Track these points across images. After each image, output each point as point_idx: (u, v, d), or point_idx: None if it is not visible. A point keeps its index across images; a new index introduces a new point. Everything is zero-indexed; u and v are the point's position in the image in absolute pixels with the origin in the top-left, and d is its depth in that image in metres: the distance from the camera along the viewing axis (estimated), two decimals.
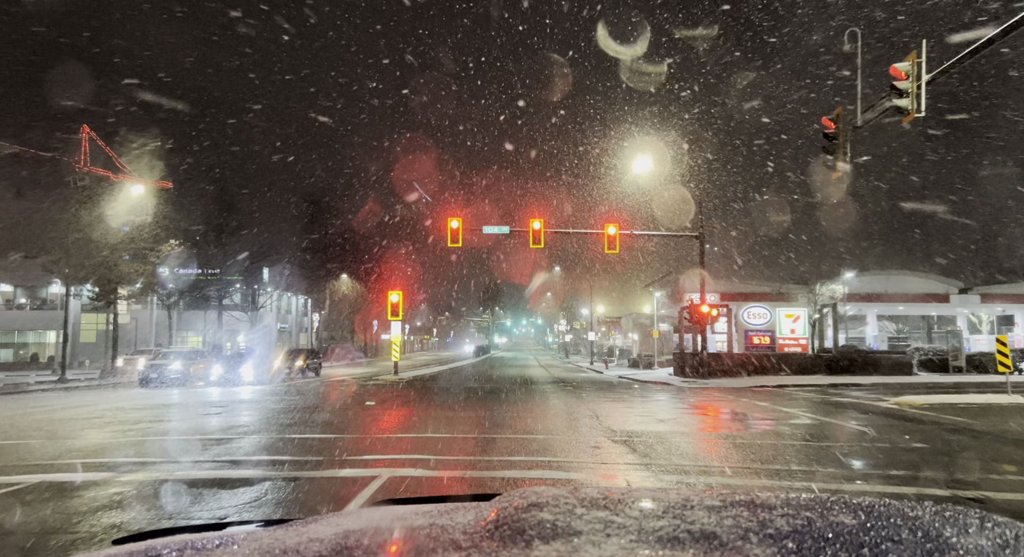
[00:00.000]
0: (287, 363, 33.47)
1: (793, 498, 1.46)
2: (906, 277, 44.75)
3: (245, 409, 17.55)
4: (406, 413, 16.33)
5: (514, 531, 1.17)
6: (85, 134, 65.85)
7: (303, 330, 78.51)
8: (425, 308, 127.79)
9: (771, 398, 20.18)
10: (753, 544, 1.06)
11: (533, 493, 1.51)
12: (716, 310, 29.44)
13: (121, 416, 15.75)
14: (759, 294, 39.17)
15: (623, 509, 1.32)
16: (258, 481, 7.86)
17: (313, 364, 36.12)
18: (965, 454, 9.78)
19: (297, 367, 33.50)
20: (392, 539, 1.25)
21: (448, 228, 29.87)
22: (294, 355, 34.76)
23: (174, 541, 1.34)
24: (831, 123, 15.58)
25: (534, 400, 19.58)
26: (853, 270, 37.75)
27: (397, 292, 31.25)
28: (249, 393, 23.44)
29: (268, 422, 14.14)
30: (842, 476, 8.09)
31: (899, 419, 14.23)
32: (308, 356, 35.97)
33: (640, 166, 29.80)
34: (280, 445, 10.87)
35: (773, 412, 15.89)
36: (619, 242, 29.97)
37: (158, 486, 7.66)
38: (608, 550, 1.03)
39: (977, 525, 1.25)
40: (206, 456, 9.76)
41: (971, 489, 7.30)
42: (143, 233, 34.81)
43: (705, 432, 12.68)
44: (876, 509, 1.36)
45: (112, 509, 6.53)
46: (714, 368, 30.49)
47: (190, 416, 16.05)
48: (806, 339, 34.14)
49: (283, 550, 1.12)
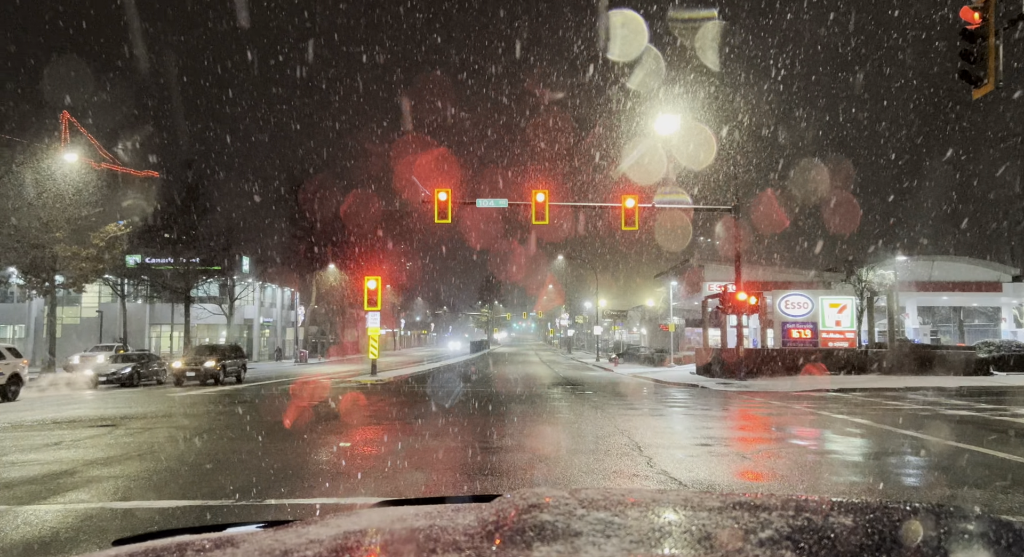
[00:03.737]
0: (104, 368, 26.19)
1: (793, 499, 1.45)
2: (953, 263, 39.91)
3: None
4: (348, 437, 11.48)
5: (514, 532, 1.19)
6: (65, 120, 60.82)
7: (289, 324, 73.68)
8: (422, 302, 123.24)
9: (850, 409, 15.36)
10: (753, 545, 1.05)
11: (533, 494, 1.51)
12: (756, 297, 24.58)
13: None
14: (794, 282, 34.37)
15: (623, 510, 1.32)
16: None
17: (232, 366, 27.54)
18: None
19: (208, 369, 25.55)
20: (392, 540, 1.24)
21: (435, 201, 25.03)
22: (207, 354, 26.75)
23: (174, 541, 1.31)
24: (974, 13, 10.65)
25: (540, 415, 14.76)
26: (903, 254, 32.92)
27: (375, 278, 26.33)
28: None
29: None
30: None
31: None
32: (224, 355, 27.40)
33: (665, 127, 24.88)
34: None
35: (889, 436, 11.05)
36: (638, 217, 25.14)
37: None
38: (608, 551, 1.01)
39: (978, 524, 1.25)
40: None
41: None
42: (81, 210, 29.95)
43: (843, 485, 7.82)
44: (877, 510, 1.34)
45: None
46: (749, 367, 25.65)
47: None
48: (853, 332, 29.35)
49: (283, 551, 1.11)
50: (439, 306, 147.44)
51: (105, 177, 34.72)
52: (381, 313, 27.94)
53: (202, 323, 54.30)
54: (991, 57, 10.57)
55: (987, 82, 10.60)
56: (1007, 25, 10.60)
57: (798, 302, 29.60)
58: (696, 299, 42.07)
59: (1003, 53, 10.61)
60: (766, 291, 30.55)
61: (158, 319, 58.15)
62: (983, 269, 40.28)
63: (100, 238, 31.52)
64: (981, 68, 10.76)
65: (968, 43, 10.78)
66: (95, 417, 14.41)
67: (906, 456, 9.34)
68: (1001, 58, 10.61)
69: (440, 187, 24.86)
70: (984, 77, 10.65)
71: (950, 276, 39.30)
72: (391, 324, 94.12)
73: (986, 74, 10.65)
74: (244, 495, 6.81)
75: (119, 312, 49.21)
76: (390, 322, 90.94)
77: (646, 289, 66.85)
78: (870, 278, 30.12)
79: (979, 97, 10.84)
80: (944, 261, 40.41)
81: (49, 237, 29.07)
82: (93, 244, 31.26)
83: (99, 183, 31.81)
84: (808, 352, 27.56)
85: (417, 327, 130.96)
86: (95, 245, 31.31)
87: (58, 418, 14.29)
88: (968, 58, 10.83)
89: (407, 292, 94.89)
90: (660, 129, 24.94)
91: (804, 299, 29.75)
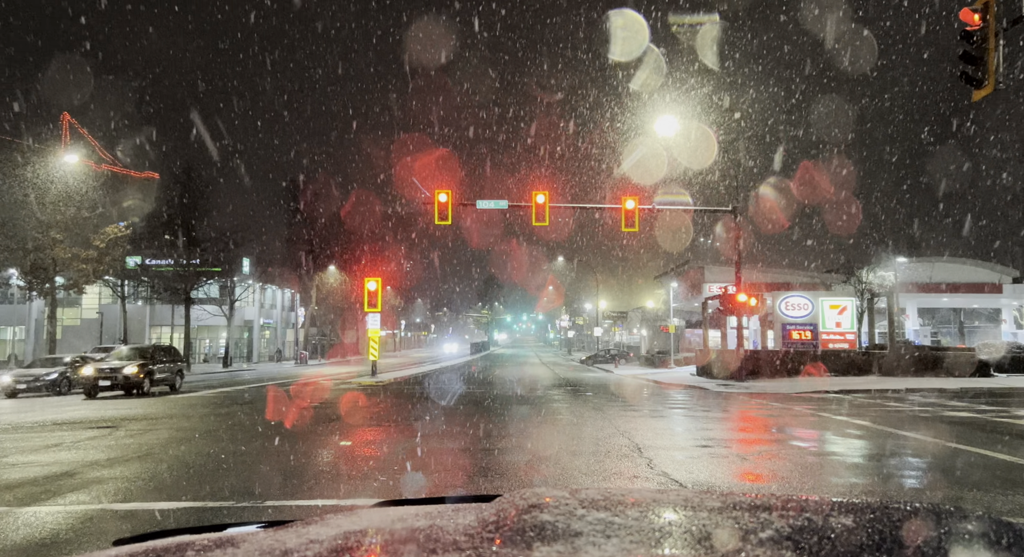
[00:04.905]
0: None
1: (794, 499, 1.45)
2: (954, 264, 39.88)
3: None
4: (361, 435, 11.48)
5: (514, 532, 1.19)
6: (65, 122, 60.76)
7: (289, 326, 73.65)
8: (422, 304, 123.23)
9: (850, 410, 15.35)
10: (754, 545, 1.05)
11: (533, 494, 1.51)
12: (756, 299, 24.56)
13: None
14: (795, 284, 34.36)
15: (624, 510, 1.31)
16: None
17: (163, 372, 22.63)
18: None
19: (127, 377, 20.75)
20: (392, 540, 1.22)
21: (436, 202, 25.03)
22: (129, 357, 21.96)
23: (174, 542, 1.29)
24: (974, 15, 10.65)
25: (540, 416, 14.76)
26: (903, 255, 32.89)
27: (375, 279, 26.33)
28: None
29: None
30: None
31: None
32: (152, 359, 22.33)
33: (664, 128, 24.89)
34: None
35: (889, 438, 11.04)
36: (638, 218, 25.14)
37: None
38: (609, 551, 1.01)
39: (978, 525, 1.25)
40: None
41: None
42: (82, 212, 29.94)
43: (844, 487, 7.82)
44: (877, 510, 1.34)
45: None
46: (749, 368, 25.63)
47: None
48: (853, 334, 29.33)
49: (283, 551, 1.11)
50: (439, 307, 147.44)
51: (105, 179, 34.71)
52: (381, 314, 27.93)
53: (202, 324, 54.28)
54: (991, 58, 10.57)
55: (987, 84, 10.60)
56: (1007, 26, 10.61)
57: (798, 303, 29.59)
58: (696, 300, 42.06)
59: (1003, 54, 10.62)
60: (766, 292, 30.58)
61: (158, 320, 58.13)
62: (984, 270, 40.27)
63: (100, 240, 31.52)
64: (981, 70, 10.77)
65: (968, 45, 10.78)
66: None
67: (907, 458, 9.33)
68: (1001, 59, 10.62)
69: (441, 188, 24.90)
70: (984, 79, 10.65)
71: (951, 277, 39.30)
72: (391, 325, 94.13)
73: (986, 75, 10.65)
74: (244, 496, 6.80)
75: (119, 313, 49.19)
76: (390, 323, 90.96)
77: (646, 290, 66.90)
78: (870, 279, 30.13)
79: (979, 99, 10.84)
80: (944, 262, 40.40)
81: (49, 239, 29.07)
82: (93, 246, 31.27)
83: (99, 185, 31.81)
84: (808, 353, 27.55)
85: (417, 328, 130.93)
86: (95, 247, 31.32)
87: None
88: (968, 60, 10.84)
89: (408, 293, 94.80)
90: (660, 130, 24.96)
91: (804, 300, 29.74)
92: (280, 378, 31.80)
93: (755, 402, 18.24)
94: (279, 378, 31.82)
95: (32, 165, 28.24)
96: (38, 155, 28.55)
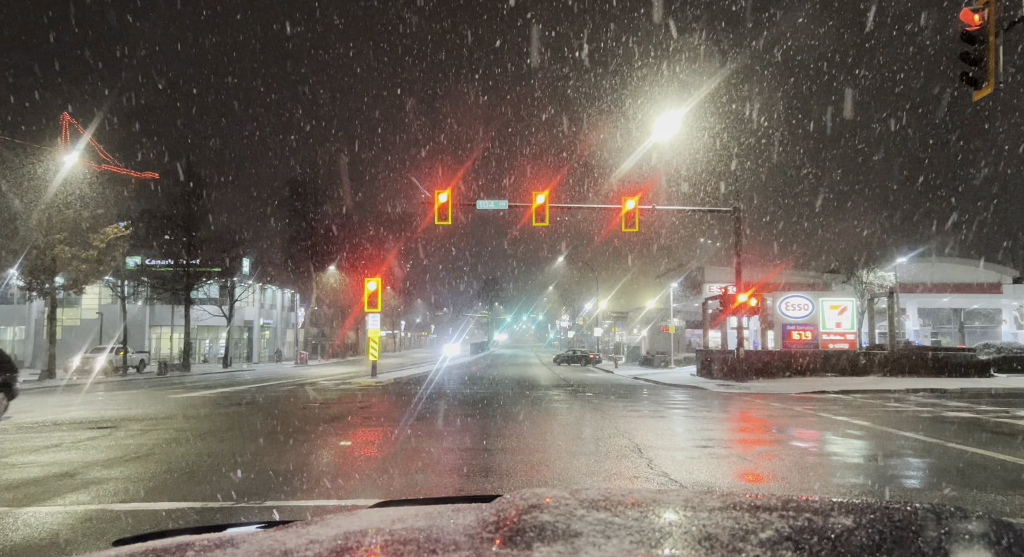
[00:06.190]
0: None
1: (794, 500, 1.44)
2: (955, 265, 39.87)
3: None
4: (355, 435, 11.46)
5: (514, 532, 1.19)
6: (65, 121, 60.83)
7: (289, 326, 73.62)
8: (422, 304, 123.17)
9: (850, 411, 15.35)
10: (754, 545, 1.04)
11: (533, 495, 1.51)
12: (756, 299, 24.56)
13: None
14: (794, 284, 34.33)
15: (624, 511, 1.31)
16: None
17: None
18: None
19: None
20: (392, 540, 1.22)
21: (436, 203, 25.03)
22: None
23: (174, 542, 1.30)
24: (974, 15, 10.65)
25: (540, 417, 14.75)
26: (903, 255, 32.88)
27: (375, 279, 26.32)
28: None
29: None
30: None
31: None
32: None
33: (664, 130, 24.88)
34: None
35: (890, 438, 11.03)
36: (638, 219, 25.14)
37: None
38: (609, 551, 1.01)
39: (978, 525, 1.24)
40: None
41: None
42: (82, 213, 29.92)
43: (844, 487, 7.81)
44: (877, 510, 1.33)
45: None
46: (749, 368, 25.62)
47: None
48: (854, 334, 29.33)
49: (283, 551, 1.11)
50: (439, 308, 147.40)
51: (105, 179, 34.67)
52: (382, 315, 27.93)
53: (202, 325, 54.26)
54: (991, 59, 10.57)
55: (987, 84, 10.60)
56: (1007, 26, 10.61)
57: (798, 304, 29.59)
58: (696, 301, 42.07)
59: (1002, 54, 10.62)
60: (766, 293, 30.55)
61: (158, 321, 58.11)
62: (984, 271, 40.26)
63: (100, 240, 31.46)
64: (981, 70, 10.77)
65: (968, 45, 10.78)
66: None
67: (907, 458, 9.33)
68: (1001, 60, 10.62)
69: (440, 188, 24.90)
70: (984, 79, 10.65)
71: (951, 278, 39.30)
72: (392, 326, 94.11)
73: (986, 76, 10.65)
74: (244, 496, 6.80)
75: (119, 314, 49.18)
76: (391, 324, 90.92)
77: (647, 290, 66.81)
78: (870, 280, 30.13)
79: (980, 99, 10.84)
80: (945, 263, 40.39)
81: (49, 239, 29.05)
82: (93, 246, 31.21)
83: (99, 185, 31.79)
84: (808, 354, 27.54)
85: (418, 329, 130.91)
86: (95, 247, 31.26)
87: None
88: (968, 60, 10.84)
89: (408, 294, 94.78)
90: (661, 131, 24.96)
91: (804, 301, 29.74)
92: (280, 378, 31.80)
93: (755, 402, 18.24)
94: (279, 378, 31.83)
95: (32, 165, 28.24)
96: (38, 155, 28.54)
